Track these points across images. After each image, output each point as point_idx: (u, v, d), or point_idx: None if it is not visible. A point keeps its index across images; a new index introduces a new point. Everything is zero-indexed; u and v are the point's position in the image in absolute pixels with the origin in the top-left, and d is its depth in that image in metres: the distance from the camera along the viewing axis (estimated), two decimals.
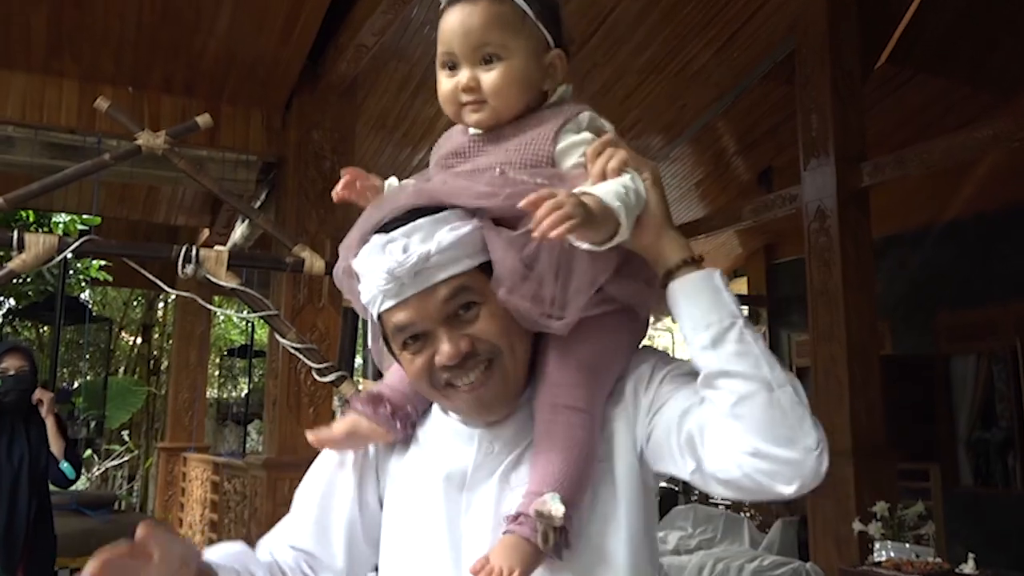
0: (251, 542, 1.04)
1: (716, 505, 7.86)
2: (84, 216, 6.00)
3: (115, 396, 7.93)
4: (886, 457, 5.46)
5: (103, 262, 6.01)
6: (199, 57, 4.14)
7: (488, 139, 1.04)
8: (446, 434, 1.03)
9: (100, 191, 5.01)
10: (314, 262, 3.18)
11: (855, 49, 5.82)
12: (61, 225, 6.10)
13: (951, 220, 8.09)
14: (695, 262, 0.95)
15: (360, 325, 3.19)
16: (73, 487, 3.17)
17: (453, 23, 1.02)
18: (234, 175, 4.60)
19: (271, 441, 4.33)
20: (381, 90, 6.31)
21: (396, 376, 1.07)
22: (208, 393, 10.19)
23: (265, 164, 4.78)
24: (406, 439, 1.07)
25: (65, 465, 3.18)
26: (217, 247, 5.81)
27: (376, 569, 1.09)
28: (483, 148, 1.04)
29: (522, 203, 0.84)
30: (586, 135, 1.02)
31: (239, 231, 5.80)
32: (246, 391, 10.00)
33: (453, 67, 1.04)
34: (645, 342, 1.07)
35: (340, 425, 1.07)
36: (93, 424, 6.35)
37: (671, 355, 1.04)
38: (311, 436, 1.09)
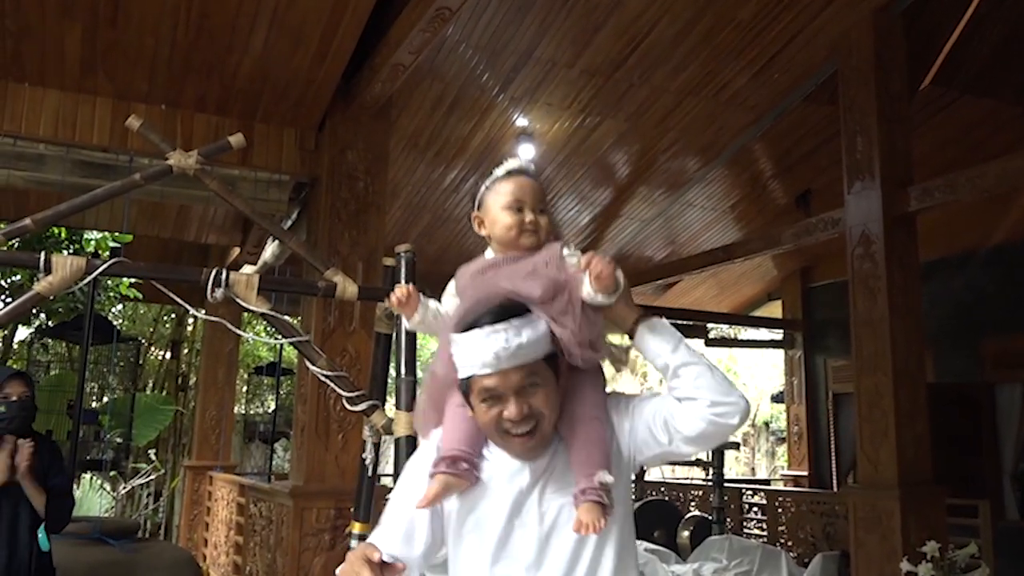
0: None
1: (751, 536, 7.64)
2: (115, 234, 5.97)
3: (142, 413, 7.88)
4: (934, 493, 5.24)
5: (132, 279, 5.97)
6: (233, 76, 4.08)
7: (517, 256, 1.59)
8: (498, 469, 1.48)
9: (131, 209, 4.98)
10: (347, 287, 3.08)
11: (901, 70, 5.66)
12: (92, 242, 6.08)
13: (997, 244, 7.87)
14: (646, 315, 1.51)
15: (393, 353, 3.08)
16: (94, 514, 3.08)
17: (523, 182, 1.63)
18: (266, 195, 4.53)
19: (298, 468, 4.22)
20: (415, 108, 6.26)
21: (459, 436, 1.49)
22: (235, 411, 10.16)
23: (297, 184, 4.71)
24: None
25: (41, 535, 3.01)
26: (246, 267, 5.76)
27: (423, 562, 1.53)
28: (513, 261, 1.58)
29: (583, 262, 1.47)
30: (574, 251, 1.60)
31: (270, 250, 5.74)
32: (273, 409, 9.93)
33: (520, 210, 1.60)
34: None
35: (436, 487, 1.44)
36: (119, 443, 6.31)
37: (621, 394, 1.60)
38: (421, 504, 1.44)
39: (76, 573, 3.26)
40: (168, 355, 10.77)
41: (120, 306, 9.56)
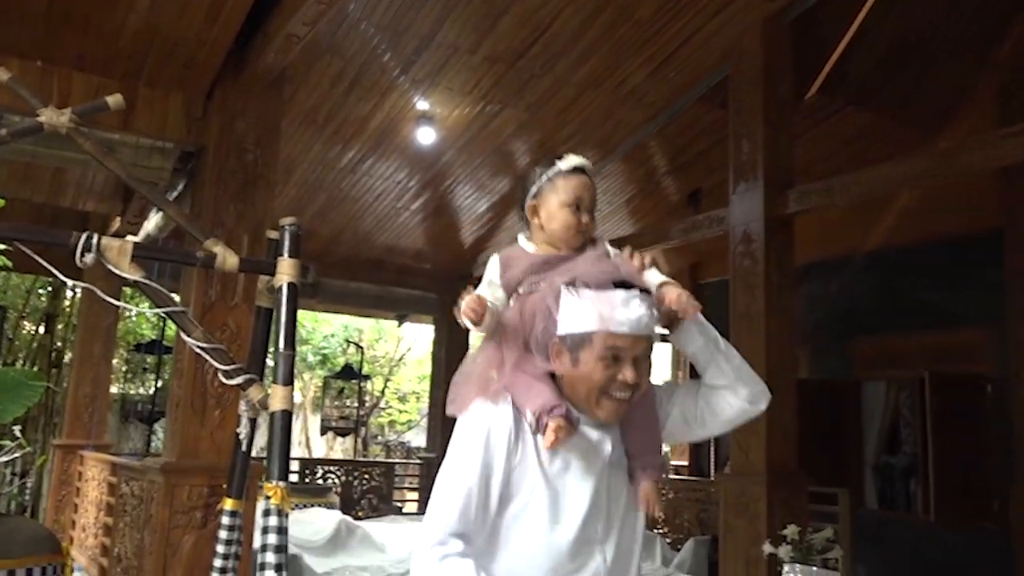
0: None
1: None
2: None
3: (10, 388, 7.44)
4: (798, 480, 5.53)
5: (2, 246, 5.63)
6: (117, 35, 3.90)
7: (569, 256, 1.64)
8: (586, 436, 1.53)
9: (1, 171, 4.69)
10: (227, 258, 2.98)
11: (788, 79, 5.92)
12: None
13: (870, 251, 8.32)
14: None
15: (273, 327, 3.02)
16: None
17: (584, 183, 1.68)
18: (148, 162, 4.35)
19: (172, 444, 4.09)
20: (313, 84, 6.14)
21: (554, 392, 1.51)
22: (114, 389, 9.73)
23: (183, 153, 4.54)
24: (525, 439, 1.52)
25: None
26: (130, 237, 5.52)
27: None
28: (569, 256, 1.63)
29: (677, 303, 1.56)
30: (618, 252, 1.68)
31: (153, 221, 5.53)
32: (154, 388, 9.57)
33: (578, 208, 1.65)
34: None
35: (561, 429, 1.45)
36: None
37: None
38: (551, 445, 1.46)
39: None
40: (42, 329, 10.23)
41: None
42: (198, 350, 3.03)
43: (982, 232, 7.34)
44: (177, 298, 3.04)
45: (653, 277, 1.57)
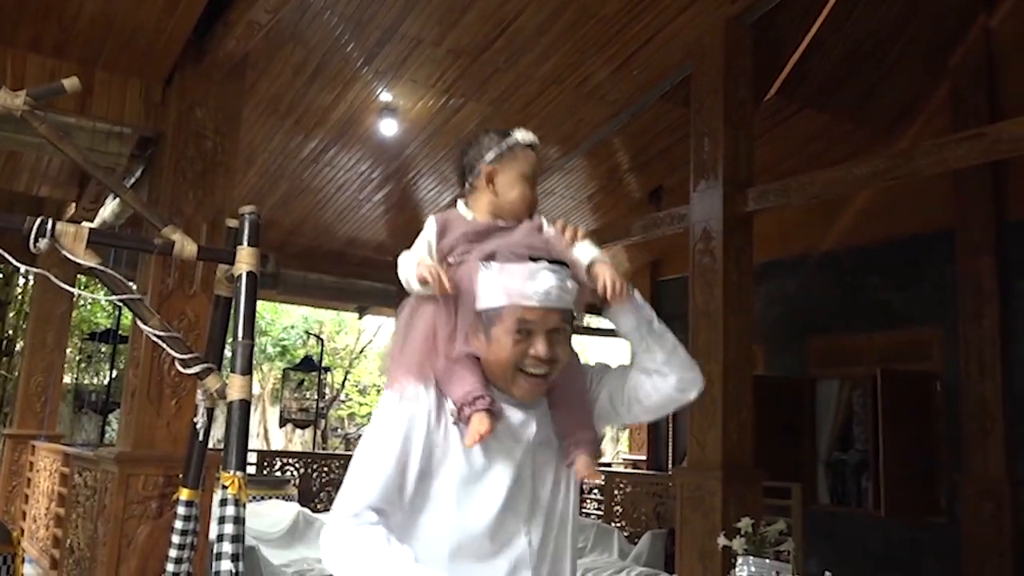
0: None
1: (588, 515, 7.94)
2: None
3: None
4: (753, 475, 5.62)
5: None
6: (74, 17, 3.83)
7: (509, 224, 1.59)
8: (511, 418, 1.49)
9: None
10: (185, 245, 2.96)
11: (748, 80, 6.00)
12: None
13: (826, 251, 8.49)
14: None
15: (233, 316, 3.00)
16: None
17: (534, 159, 1.65)
18: (105, 147, 4.28)
19: (127, 434, 4.04)
20: (275, 73, 6.08)
21: (478, 380, 1.48)
22: (67, 379, 9.55)
23: (141, 139, 4.47)
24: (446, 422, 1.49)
25: None
26: (85, 224, 5.44)
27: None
28: (511, 227, 1.58)
29: (609, 283, 1.50)
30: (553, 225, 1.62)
31: (110, 208, 5.43)
32: (108, 378, 9.41)
33: (533, 185, 1.64)
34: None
35: (485, 423, 1.43)
36: None
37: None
38: (473, 441, 1.43)
39: None
40: None
41: None
42: (155, 338, 3.01)
43: (934, 233, 7.53)
44: (134, 286, 3.00)
45: (584, 252, 1.53)
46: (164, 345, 2.97)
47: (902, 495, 7.31)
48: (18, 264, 2.96)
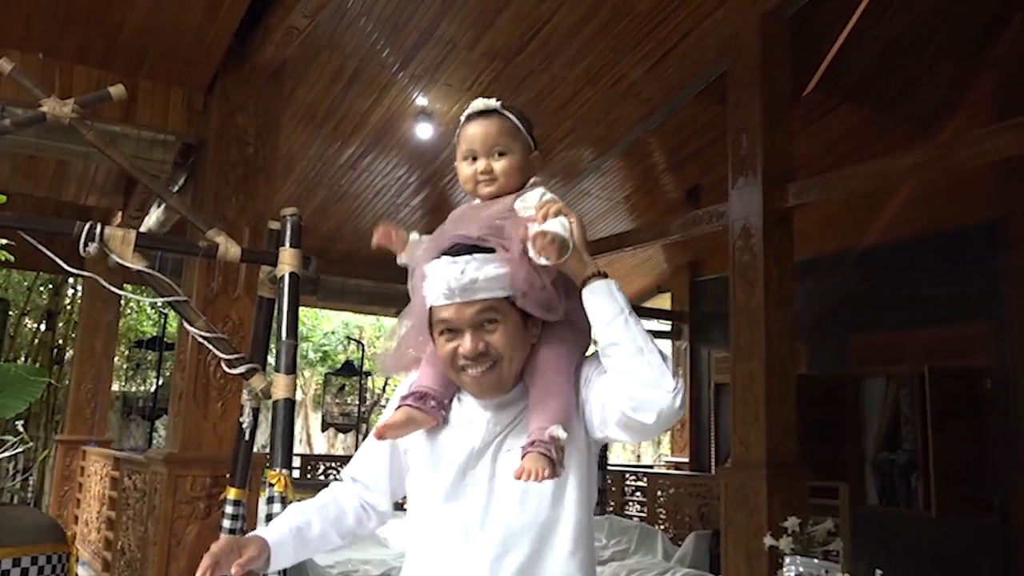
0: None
1: (631, 517, 7.89)
2: None
3: (11, 384, 7.47)
4: (798, 474, 5.54)
5: (3, 240, 5.65)
6: (118, 29, 3.92)
7: (480, 207, 1.54)
8: (465, 416, 1.45)
9: (3, 164, 4.70)
10: (229, 248, 3.02)
11: (786, 75, 5.94)
12: None
13: (867, 248, 8.34)
14: (600, 275, 1.37)
15: (276, 317, 3.04)
16: None
17: (475, 130, 1.53)
18: (149, 154, 4.38)
19: (175, 436, 4.12)
20: (312, 81, 6.16)
21: (431, 376, 1.46)
22: (115, 387, 9.74)
23: (184, 147, 4.57)
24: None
25: None
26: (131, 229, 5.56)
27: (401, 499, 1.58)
28: (477, 210, 1.52)
29: (532, 235, 1.33)
30: (533, 198, 1.47)
31: (154, 216, 5.55)
32: (155, 385, 9.59)
33: (474, 159, 1.53)
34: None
35: (399, 416, 1.43)
36: None
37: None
38: (377, 431, 1.44)
39: None
40: (43, 327, 10.24)
41: None
42: (201, 339, 3.06)
43: (979, 226, 7.37)
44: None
45: (550, 224, 1.34)
46: (210, 346, 3.02)
47: (953, 495, 7.16)
48: (70, 269, 3.03)
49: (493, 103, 1.55)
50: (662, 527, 7.39)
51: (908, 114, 7.56)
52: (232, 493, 3.18)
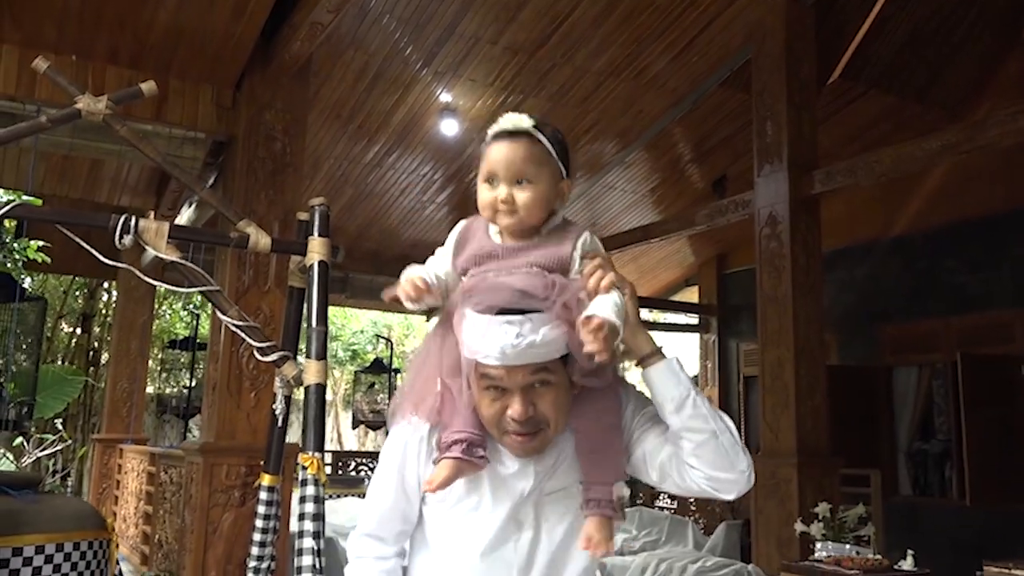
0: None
1: (661, 508, 7.88)
2: (24, 197, 5.77)
3: (50, 385, 7.65)
4: (829, 461, 5.51)
5: (41, 243, 5.79)
6: (147, 29, 4.01)
7: (516, 248, 1.39)
8: (505, 465, 1.37)
9: (39, 166, 4.82)
10: (260, 239, 3.07)
11: (811, 61, 5.91)
12: None
13: (896, 236, 8.26)
14: (661, 354, 1.32)
15: (305, 307, 3.10)
16: None
17: (501, 152, 1.37)
18: (180, 152, 4.47)
19: (209, 426, 4.20)
20: (337, 79, 6.24)
21: (471, 422, 1.36)
22: (150, 388, 9.92)
23: (214, 144, 4.65)
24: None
25: None
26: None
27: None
28: (513, 253, 1.38)
29: (589, 342, 1.21)
30: (588, 251, 1.38)
31: (186, 215, 5.65)
32: (189, 385, 9.75)
33: (493, 182, 1.38)
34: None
35: (448, 471, 1.33)
36: (24, 410, 6.13)
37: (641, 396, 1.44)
38: (433, 488, 1.34)
39: None
40: (78, 330, 10.45)
41: (28, 279, 9.23)
42: (233, 328, 3.12)
43: (1011, 212, 7.26)
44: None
45: (600, 307, 1.25)
46: (242, 334, 3.08)
47: (988, 483, 7.06)
48: (107, 261, 3.11)
49: (525, 123, 1.38)
50: (692, 517, 7.37)
51: (936, 100, 7.48)
52: (266, 480, 3.24)
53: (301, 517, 2.71)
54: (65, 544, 3.00)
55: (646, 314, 12.81)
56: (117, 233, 2.85)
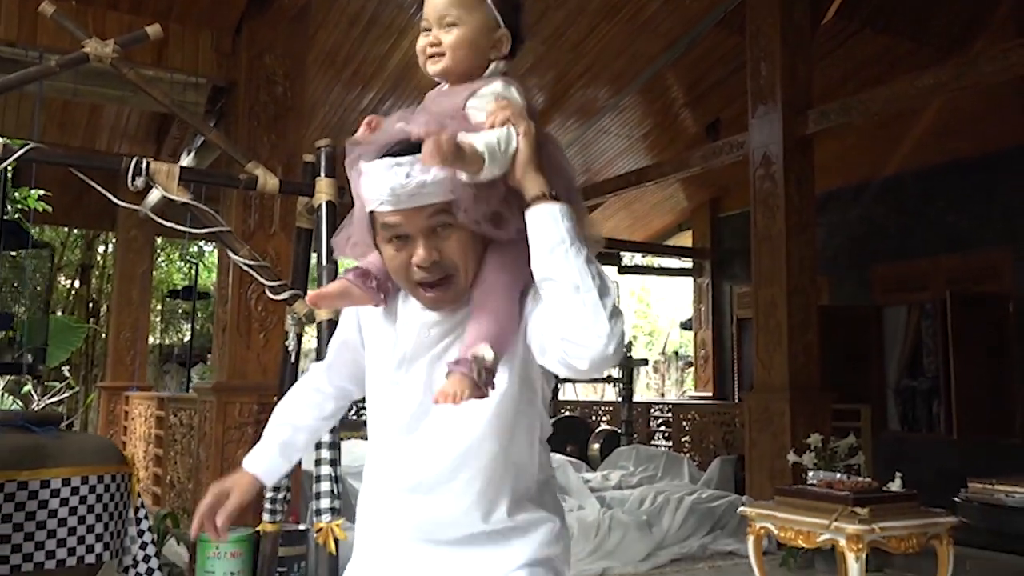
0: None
1: (657, 446, 8.09)
2: (25, 143, 5.78)
3: (55, 333, 7.74)
4: (820, 396, 5.68)
5: (41, 192, 5.83)
6: None
7: (443, 94, 1.36)
8: (407, 315, 1.33)
9: (41, 113, 4.83)
10: (267, 180, 3.15)
11: (805, 1, 5.92)
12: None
13: (888, 177, 8.34)
14: (547, 197, 1.20)
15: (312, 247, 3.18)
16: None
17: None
18: (182, 96, 4.49)
19: (220, 367, 4.31)
20: (332, 25, 6.22)
21: (377, 266, 1.33)
22: (150, 340, 10.03)
23: (215, 89, 4.68)
24: (386, 309, 1.37)
25: None
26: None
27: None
28: (437, 100, 1.36)
29: (414, 136, 1.18)
30: (490, 98, 1.31)
31: (186, 162, 5.68)
32: (189, 334, 9.86)
33: (428, 31, 1.34)
34: None
35: (335, 287, 1.33)
36: (37, 356, 6.24)
37: None
38: (311, 296, 1.36)
39: None
40: (77, 282, 10.51)
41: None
42: (245, 267, 3.21)
43: (1001, 152, 7.34)
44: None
45: (475, 135, 1.20)
46: (254, 273, 3.17)
47: (974, 417, 7.26)
48: (116, 201, 3.18)
49: None
50: (688, 455, 7.58)
51: (929, 38, 7.48)
52: None
53: (318, 446, 2.84)
54: (90, 477, 3.12)
55: (639, 258, 12.92)
56: (129, 175, 2.92)
